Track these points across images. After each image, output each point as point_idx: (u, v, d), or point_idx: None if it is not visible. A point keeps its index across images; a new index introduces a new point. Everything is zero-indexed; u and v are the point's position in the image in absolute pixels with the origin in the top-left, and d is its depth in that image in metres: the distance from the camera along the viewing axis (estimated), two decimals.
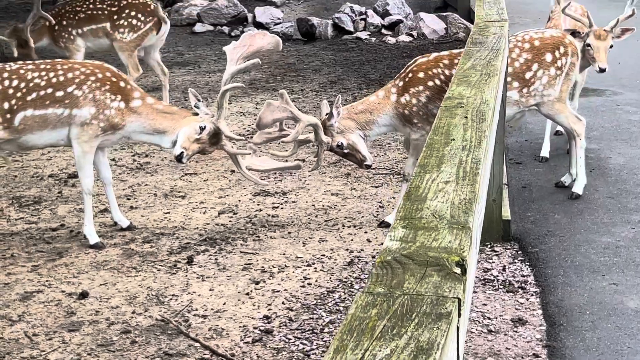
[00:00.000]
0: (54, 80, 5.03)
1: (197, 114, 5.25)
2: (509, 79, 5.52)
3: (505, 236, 5.27)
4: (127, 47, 8.09)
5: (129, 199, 6.01)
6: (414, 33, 12.10)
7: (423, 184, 2.26)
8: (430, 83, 5.31)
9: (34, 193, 6.15)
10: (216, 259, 5.00)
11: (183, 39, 12.28)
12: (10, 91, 4.94)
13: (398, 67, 10.27)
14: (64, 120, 5.03)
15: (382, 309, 1.58)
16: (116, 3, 8.08)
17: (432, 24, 12.17)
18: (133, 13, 8.09)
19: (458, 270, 1.74)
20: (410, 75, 5.41)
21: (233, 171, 6.57)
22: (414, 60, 5.55)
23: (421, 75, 5.37)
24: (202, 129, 5.16)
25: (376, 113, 5.44)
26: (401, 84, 5.44)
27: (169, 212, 5.76)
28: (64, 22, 8.08)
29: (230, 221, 5.60)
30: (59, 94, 5.01)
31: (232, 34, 12.57)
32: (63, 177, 6.47)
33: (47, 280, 4.72)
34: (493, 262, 4.98)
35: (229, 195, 6.08)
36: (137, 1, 8.23)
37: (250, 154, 5.44)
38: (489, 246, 5.17)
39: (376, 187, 6.24)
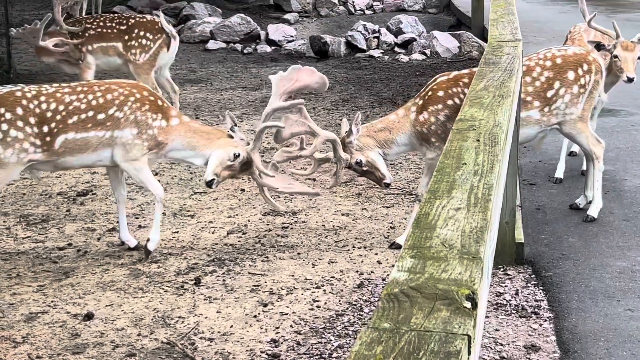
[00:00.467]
0: (94, 102, 5.00)
1: (231, 136, 5.22)
2: (529, 98, 5.44)
3: (519, 259, 5.17)
4: (143, 69, 8.08)
5: (137, 218, 5.95)
6: (427, 51, 12.05)
7: (433, 211, 2.18)
8: (449, 102, 5.25)
9: (42, 211, 6.11)
10: (224, 280, 4.93)
11: (196, 56, 12.26)
12: (49, 114, 4.90)
13: (411, 85, 10.22)
14: (105, 142, 5.02)
15: (388, 347, 1.50)
16: (124, 22, 8.08)
17: (445, 42, 12.12)
18: (142, 32, 8.07)
19: (468, 305, 1.66)
20: (430, 93, 5.37)
21: (243, 190, 6.51)
22: (434, 79, 5.50)
23: (441, 93, 5.32)
24: (236, 156, 5.15)
25: (395, 132, 5.40)
26: (421, 102, 5.39)
27: (177, 232, 5.69)
28: (74, 40, 8.08)
29: (239, 241, 5.53)
30: (101, 116, 4.99)
31: (245, 51, 12.56)
32: (72, 196, 6.42)
33: (52, 301, 4.66)
34: (506, 286, 4.88)
35: (238, 215, 6.01)
36: (144, 19, 8.23)
37: (277, 187, 5.34)
38: (501, 269, 5.08)
39: (387, 207, 6.16)
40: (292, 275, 5.00)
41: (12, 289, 4.81)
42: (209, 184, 5.17)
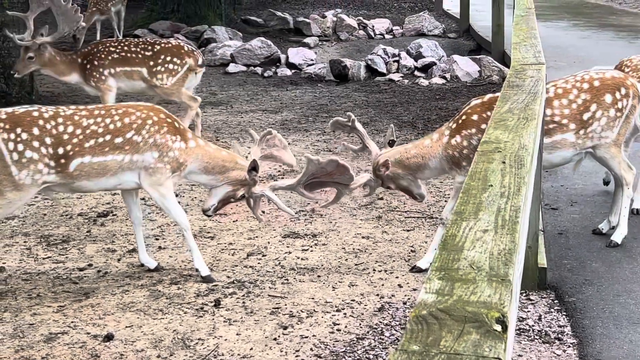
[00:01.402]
0: (112, 126, 4.97)
1: (242, 164, 5.28)
2: (565, 120, 5.40)
3: (541, 284, 5.12)
4: (173, 90, 8.13)
5: (157, 239, 5.95)
6: (447, 75, 12.04)
7: (460, 233, 2.15)
8: (483, 126, 5.19)
9: (63, 232, 6.11)
10: (244, 302, 4.90)
11: (216, 79, 12.32)
12: (65, 137, 4.88)
13: (431, 109, 10.20)
14: (125, 166, 4.99)
15: None
16: (150, 47, 8.11)
17: (465, 66, 12.11)
18: (168, 58, 8.12)
19: (498, 328, 1.63)
20: (464, 117, 5.37)
21: (263, 212, 6.49)
22: (469, 103, 5.52)
23: (475, 117, 5.31)
24: (242, 197, 5.30)
25: (427, 157, 5.42)
26: (454, 126, 5.39)
27: None
28: (95, 62, 8.12)
29: (259, 263, 5.51)
30: (118, 140, 4.97)
31: (265, 74, 12.60)
32: (92, 216, 6.43)
33: (72, 322, 4.65)
34: (528, 312, 4.82)
35: (258, 237, 5.99)
36: (169, 45, 8.27)
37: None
38: (524, 294, 5.02)
39: (408, 230, 6.13)
40: (312, 298, 4.96)
41: (33, 309, 4.81)
42: (207, 211, 5.28)
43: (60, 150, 4.87)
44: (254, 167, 5.19)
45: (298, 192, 5.32)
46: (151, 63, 8.10)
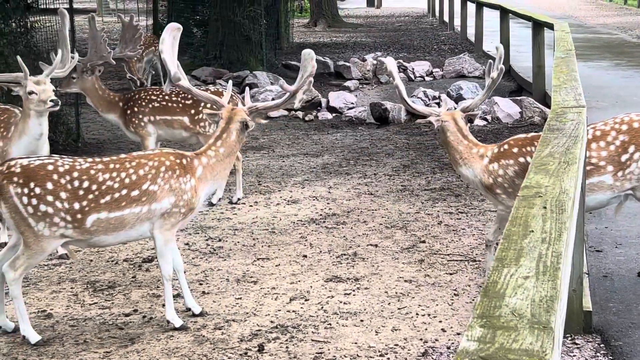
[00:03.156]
0: (127, 180, 4.99)
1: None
2: (602, 162, 5.40)
3: (587, 328, 5.06)
4: None
5: (201, 284, 6.00)
6: (488, 117, 12.04)
7: (501, 279, 2.17)
8: (521, 159, 5.46)
9: (109, 277, 6.20)
10: (287, 347, 4.92)
11: (258, 124, 12.44)
12: (81, 192, 4.89)
13: None
14: (142, 217, 5.04)
15: None
16: (189, 96, 8.22)
17: (506, 108, 12.10)
18: (209, 105, 8.22)
19: None
20: (505, 146, 5.61)
21: (305, 256, 6.53)
22: (513, 136, 5.79)
23: (515, 150, 5.53)
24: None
25: (464, 161, 5.74)
26: (496, 151, 5.63)
27: (240, 298, 5.72)
28: (136, 109, 8.27)
29: (301, 307, 5.53)
30: (135, 193, 4.99)
31: (306, 118, 12.71)
32: (137, 262, 6.52)
33: None
34: (574, 356, 4.77)
35: (300, 281, 6.02)
36: (209, 92, 8.39)
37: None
38: (569, 338, 4.97)
39: (451, 273, 6.11)
40: (355, 343, 4.96)
41: (79, 355, 4.87)
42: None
43: (76, 206, 4.87)
44: (246, 126, 5.48)
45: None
46: (192, 111, 8.21)
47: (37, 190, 4.83)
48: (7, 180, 4.86)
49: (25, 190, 4.84)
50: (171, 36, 5.66)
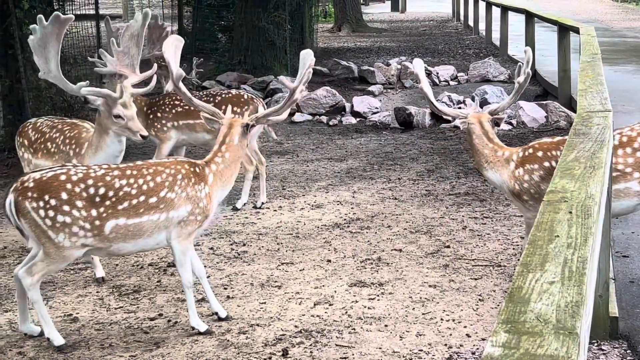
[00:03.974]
0: (145, 187, 4.99)
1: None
2: (629, 169, 5.35)
3: (613, 334, 5.02)
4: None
5: (225, 289, 6.02)
6: (514, 121, 11.98)
7: (526, 284, 2.16)
8: (546, 163, 5.41)
9: (134, 282, 6.24)
10: (311, 352, 4.92)
11: (282, 129, 12.48)
12: (97, 199, 4.88)
13: None
14: (160, 224, 5.04)
15: None
16: (211, 99, 8.24)
17: (532, 112, 12.04)
18: (230, 107, 8.24)
19: None
20: (530, 150, 5.56)
21: (329, 261, 6.53)
22: (538, 139, 5.71)
23: (539, 154, 5.48)
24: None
25: (490, 164, 5.69)
26: (521, 154, 5.59)
27: (264, 302, 5.73)
28: (159, 114, 8.31)
29: (325, 312, 5.53)
30: (152, 200, 4.99)
31: (330, 123, 12.72)
32: (162, 266, 6.55)
33: None
34: None
35: (325, 286, 6.02)
36: (230, 95, 8.42)
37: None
38: (595, 344, 4.93)
39: (475, 279, 6.08)
40: (380, 348, 4.96)
41: (105, 358, 4.90)
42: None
43: (94, 212, 4.86)
44: (247, 127, 5.48)
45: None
46: None
47: (52, 201, 4.83)
48: (22, 196, 4.86)
49: (41, 204, 4.83)
50: (173, 45, 5.69)
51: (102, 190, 4.91)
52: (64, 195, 4.84)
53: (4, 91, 10.00)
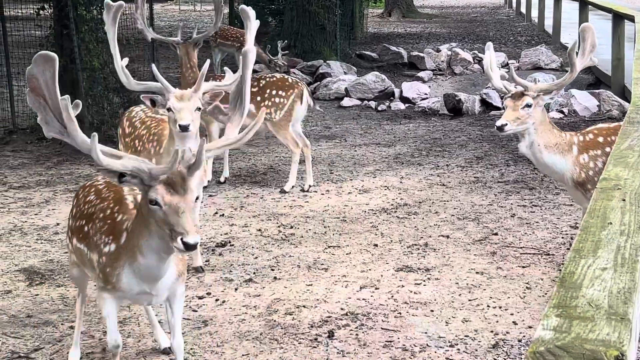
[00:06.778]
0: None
1: None
2: None
3: None
4: (280, 126, 8.26)
5: (272, 270, 6.07)
6: (565, 110, 11.84)
7: (578, 270, 2.15)
8: (607, 149, 5.26)
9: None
10: (357, 335, 4.95)
11: (331, 113, 12.50)
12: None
13: None
14: None
15: None
16: (255, 83, 8.26)
17: (583, 100, 11.88)
18: (274, 92, 8.27)
19: None
20: (590, 135, 5.42)
21: (376, 245, 6.54)
22: (594, 125, 5.61)
23: (600, 139, 5.38)
24: None
25: (557, 146, 5.43)
26: (582, 139, 5.43)
27: (311, 285, 5.77)
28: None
29: (371, 296, 5.55)
30: None
31: (379, 108, 12.70)
32: (211, 246, 6.62)
33: (191, 349, 4.80)
34: None
35: (371, 270, 6.04)
36: (274, 78, 8.44)
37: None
38: None
39: (523, 267, 6.05)
40: (425, 332, 4.97)
41: (154, 335, 4.98)
42: None
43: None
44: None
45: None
46: (258, 98, 8.24)
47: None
48: None
49: None
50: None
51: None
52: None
53: (59, 71, 10.15)
